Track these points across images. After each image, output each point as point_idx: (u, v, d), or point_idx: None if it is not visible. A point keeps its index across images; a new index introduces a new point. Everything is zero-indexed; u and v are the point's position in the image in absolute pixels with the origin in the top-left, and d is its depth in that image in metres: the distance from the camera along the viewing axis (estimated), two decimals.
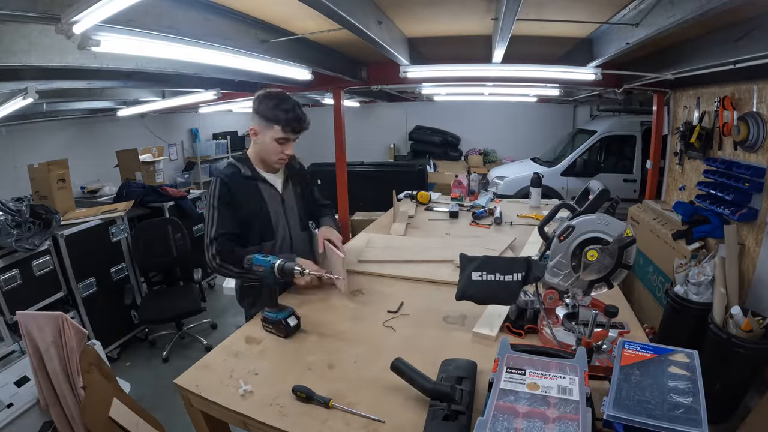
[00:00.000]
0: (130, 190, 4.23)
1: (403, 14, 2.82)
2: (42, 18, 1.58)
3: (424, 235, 2.77)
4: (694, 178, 3.70)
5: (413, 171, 6.39)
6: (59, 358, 2.08)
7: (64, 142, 5.47)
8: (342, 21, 2.09)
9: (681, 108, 4.05)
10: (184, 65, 2.95)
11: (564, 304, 1.44)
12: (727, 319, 2.48)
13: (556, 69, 3.45)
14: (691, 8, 1.81)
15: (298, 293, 1.87)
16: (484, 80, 4.43)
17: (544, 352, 1.16)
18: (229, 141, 8.59)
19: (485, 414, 0.91)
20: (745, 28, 2.36)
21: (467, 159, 9.35)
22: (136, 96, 4.83)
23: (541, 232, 1.55)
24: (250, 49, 2.62)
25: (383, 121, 9.79)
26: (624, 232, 1.32)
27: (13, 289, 2.89)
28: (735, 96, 3.09)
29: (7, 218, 2.93)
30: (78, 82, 3.09)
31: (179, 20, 2.09)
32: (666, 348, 1.09)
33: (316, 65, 3.47)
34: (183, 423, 1.49)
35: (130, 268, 3.84)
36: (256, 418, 1.13)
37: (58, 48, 2.16)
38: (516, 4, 1.91)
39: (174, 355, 3.60)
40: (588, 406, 0.91)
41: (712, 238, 3.03)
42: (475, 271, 1.49)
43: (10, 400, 2.15)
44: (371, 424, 1.09)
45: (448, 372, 1.22)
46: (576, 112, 9.03)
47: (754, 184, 2.75)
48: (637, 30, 2.37)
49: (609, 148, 7.00)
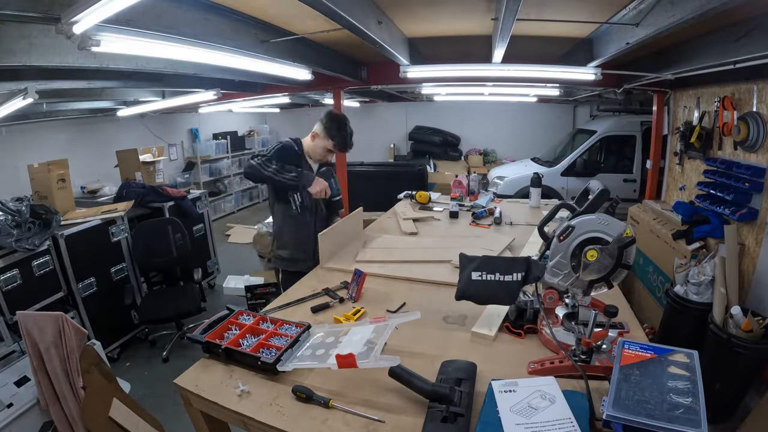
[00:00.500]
0: (130, 190, 4.23)
1: (403, 14, 2.82)
2: (42, 18, 1.58)
3: (424, 235, 2.77)
4: (694, 178, 3.70)
5: (413, 171, 6.40)
6: (59, 358, 2.08)
7: (64, 142, 5.48)
8: (342, 21, 2.10)
9: (681, 108, 4.05)
10: (183, 65, 2.95)
11: (564, 304, 1.44)
12: (727, 319, 2.48)
13: (556, 69, 3.45)
14: (691, 8, 1.81)
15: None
16: (484, 80, 4.43)
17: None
18: (229, 141, 8.60)
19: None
20: (745, 28, 2.36)
21: (467, 159, 9.35)
22: (136, 96, 4.83)
23: (540, 232, 1.55)
24: (250, 49, 2.62)
25: (383, 121, 9.78)
26: (624, 232, 1.32)
27: (13, 289, 2.89)
28: (735, 96, 3.09)
29: (7, 218, 2.93)
30: (78, 82, 3.09)
31: (179, 20, 2.09)
32: (666, 348, 1.09)
33: (316, 65, 3.47)
34: (183, 423, 1.49)
35: (130, 268, 3.84)
36: (255, 418, 1.13)
37: (58, 48, 2.17)
38: (516, 4, 1.92)
39: (174, 355, 3.59)
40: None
41: (712, 238, 3.03)
42: (475, 271, 1.49)
43: (10, 400, 2.15)
44: (371, 424, 1.09)
45: (448, 374, 1.22)
46: (576, 112, 9.02)
47: (754, 184, 2.75)
48: (637, 30, 2.37)
49: (609, 148, 7.00)
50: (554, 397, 1.07)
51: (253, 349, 1.33)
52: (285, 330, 1.45)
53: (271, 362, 1.24)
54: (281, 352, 1.28)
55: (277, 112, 9.86)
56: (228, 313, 1.54)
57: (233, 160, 8.78)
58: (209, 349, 1.38)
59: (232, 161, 8.72)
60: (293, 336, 1.38)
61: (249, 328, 1.46)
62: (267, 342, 1.38)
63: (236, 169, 8.88)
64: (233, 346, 1.35)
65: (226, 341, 1.37)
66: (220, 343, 1.36)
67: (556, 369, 1.21)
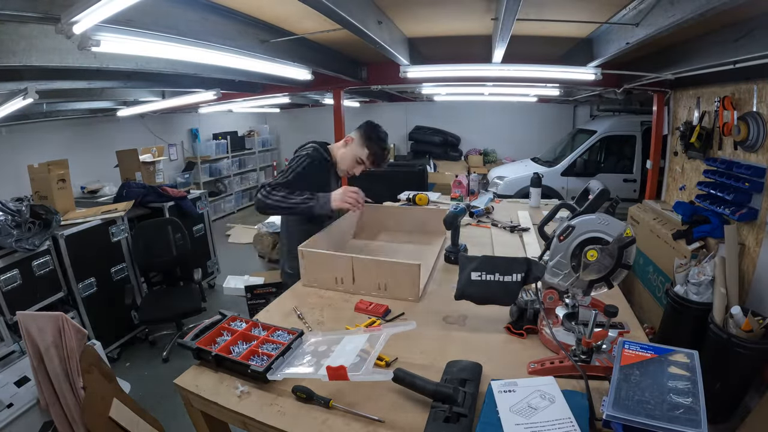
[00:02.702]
0: (130, 190, 4.23)
1: (403, 14, 2.82)
2: (42, 18, 1.58)
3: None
4: (694, 178, 3.70)
5: (413, 171, 6.40)
6: (59, 358, 2.08)
7: (64, 142, 5.48)
8: (342, 21, 2.10)
9: (681, 108, 4.05)
10: (183, 65, 2.95)
11: (564, 304, 1.44)
12: (728, 319, 2.48)
13: (556, 69, 3.45)
14: (690, 8, 1.81)
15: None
16: (484, 80, 4.43)
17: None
18: (229, 141, 8.61)
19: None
20: (745, 28, 2.36)
21: (467, 159, 9.35)
22: (136, 96, 4.83)
23: (541, 231, 1.55)
24: (249, 49, 2.62)
25: (383, 121, 9.46)
26: (624, 231, 1.32)
27: (13, 289, 2.89)
28: (735, 96, 3.09)
29: (7, 218, 2.93)
30: (78, 82, 3.09)
31: (179, 20, 2.09)
32: (666, 348, 1.09)
33: (316, 65, 3.47)
34: (183, 423, 1.49)
35: (130, 268, 3.85)
36: (255, 418, 1.13)
37: (58, 48, 2.17)
38: (516, 4, 1.92)
39: (174, 355, 3.60)
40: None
41: (712, 238, 3.03)
42: (475, 271, 1.49)
43: (10, 400, 2.15)
44: (371, 424, 1.09)
45: (452, 374, 1.21)
46: (576, 112, 9.03)
47: (754, 184, 2.75)
48: (637, 30, 2.37)
49: (609, 148, 7.00)
50: (554, 397, 1.07)
51: (244, 357, 1.30)
52: (277, 336, 1.41)
53: (261, 371, 1.21)
54: (272, 360, 1.26)
55: (277, 112, 9.86)
56: (220, 319, 1.51)
57: (233, 160, 8.79)
58: (199, 356, 1.35)
59: (232, 161, 8.73)
60: (285, 343, 1.35)
61: (240, 334, 1.43)
62: (258, 349, 1.34)
63: (236, 169, 8.88)
64: (224, 353, 1.32)
65: (217, 347, 1.34)
66: (210, 349, 1.32)
67: (557, 369, 1.21)
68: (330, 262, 1.86)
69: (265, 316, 1.66)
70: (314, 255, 1.89)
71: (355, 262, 1.81)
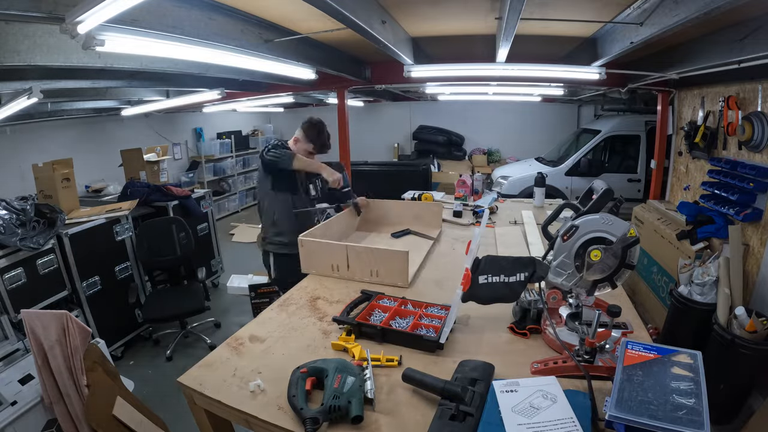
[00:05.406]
0: (134, 189, 4.25)
1: (407, 14, 2.82)
2: (46, 18, 1.58)
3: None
4: (698, 178, 3.68)
5: (417, 170, 6.39)
6: (63, 356, 2.09)
7: (69, 142, 5.50)
8: (346, 20, 2.10)
9: (685, 107, 4.04)
10: (188, 65, 2.96)
11: (567, 304, 1.44)
12: (732, 320, 2.47)
13: (561, 68, 3.44)
14: (695, 7, 1.80)
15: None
16: (488, 80, 4.42)
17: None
18: (234, 140, 8.63)
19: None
20: (750, 27, 2.35)
21: (471, 158, 9.34)
22: (141, 95, 4.84)
23: (544, 231, 1.55)
24: (254, 49, 2.63)
25: (387, 121, 9.79)
26: (627, 231, 1.31)
27: (17, 287, 2.90)
28: (740, 95, 3.07)
29: (12, 217, 2.94)
30: (82, 81, 3.10)
31: (183, 20, 2.09)
32: (669, 348, 1.09)
33: (320, 65, 3.47)
34: (187, 421, 1.49)
35: (135, 267, 3.86)
36: (259, 417, 1.14)
37: (62, 48, 2.18)
38: (520, 4, 1.91)
39: (178, 353, 3.61)
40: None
41: (717, 239, 3.01)
42: (481, 275, 1.49)
43: (14, 397, 2.16)
44: (373, 423, 1.09)
45: (464, 373, 1.21)
46: (580, 111, 9.00)
47: (758, 184, 2.73)
48: (641, 29, 2.36)
49: (613, 148, 6.97)
50: (556, 397, 1.07)
51: (411, 329, 1.48)
52: (431, 311, 1.60)
53: (436, 338, 1.39)
54: (440, 330, 1.43)
55: (281, 112, 9.87)
56: (365, 297, 1.71)
57: (237, 160, 8.81)
58: (360, 330, 1.50)
59: (236, 160, 8.75)
60: (441, 317, 1.54)
61: (395, 310, 1.60)
62: (419, 322, 1.52)
63: (240, 168, 8.90)
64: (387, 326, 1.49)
65: (380, 321, 1.52)
66: (374, 324, 1.49)
67: (560, 369, 1.21)
68: (326, 250, 2.05)
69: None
70: (312, 243, 2.07)
71: (350, 250, 1.99)
